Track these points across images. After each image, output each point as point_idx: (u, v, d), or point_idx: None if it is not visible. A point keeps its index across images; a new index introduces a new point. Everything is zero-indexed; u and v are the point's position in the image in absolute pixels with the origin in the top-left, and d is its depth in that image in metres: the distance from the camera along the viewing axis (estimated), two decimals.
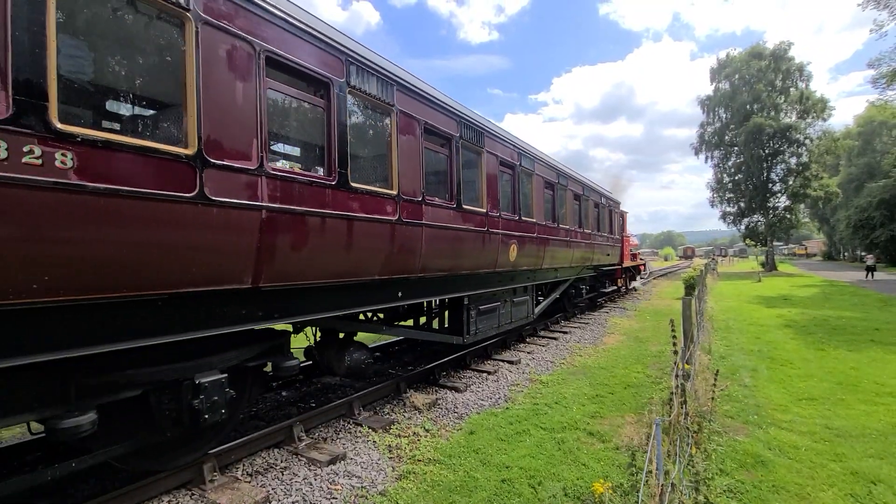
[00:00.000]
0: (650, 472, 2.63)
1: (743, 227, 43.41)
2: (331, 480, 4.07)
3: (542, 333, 11.13)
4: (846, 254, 67.51)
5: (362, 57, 4.97)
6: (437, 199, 6.21)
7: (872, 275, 28.81)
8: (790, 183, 38.70)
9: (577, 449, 4.67)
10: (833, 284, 25.49)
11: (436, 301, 7.74)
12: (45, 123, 2.59)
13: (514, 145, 8.75)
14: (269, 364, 4.55)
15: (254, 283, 3.81)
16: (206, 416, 3.65)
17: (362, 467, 4.33)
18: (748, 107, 38.79)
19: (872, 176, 45.99)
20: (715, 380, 5.35)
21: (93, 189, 2.76)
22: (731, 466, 4.25)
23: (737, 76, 40.23)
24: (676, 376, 4.01)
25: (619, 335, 11.25)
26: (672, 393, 3.85)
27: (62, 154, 2.65)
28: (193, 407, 3.61)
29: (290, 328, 4.99)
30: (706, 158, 43.78)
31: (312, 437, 4.93)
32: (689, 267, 35.00)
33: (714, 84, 42.61)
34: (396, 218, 5.34)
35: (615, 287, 18.62)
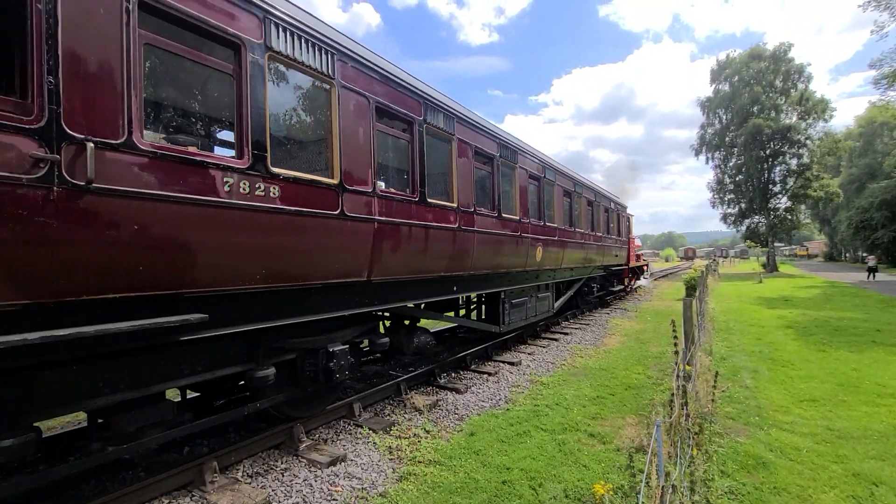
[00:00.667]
0: (651, 473, 2.63)
1: (744, 228, 43.39)
2: (331, 482, 4.07)
3: (543, 335, 11.12)
4: (847, 255, 67.44)
5: (434, 98, 6.28)
6: (483, 209, 7.46)
7: (874, 276, 28.77)
8: (791, 184, 38.68)
9: (578, 450, 4.66)
10: (834, 285, 25.46)
11: (473, 296, 8.74)
12: (266, 168, 3.83)
13: (539, 160, 10.03)
14: (367, 341, 5.71)
15: (368, 277, 5.05)
16: (337, 376, 4.84)
17: (362, 469, 4.33)
18: (748, 108, 38.79)
19: (874, 177, 45.96)
20: (715, 382, 5.34)
21: (287, 210, 4.01)
22: (732, 468, 4.24)
23: (737, 77, 40.24)
24: (677, 377, 4.00)
25: (620, 336, 11.23)
26: (673, 394, 3.84)
27: (274, 187, 3.89)
28: (329, 368, 4.77)
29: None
30: (707, 160, 43.82)
31: (313, 439, 4.93)
32: (689, 268, 35.00)
33: (714, 85, 42.65)
34: (457, 226, 6.62)
35: (622, 286, 19.57)
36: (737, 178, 42.22)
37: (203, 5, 3.45)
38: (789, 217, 40.30)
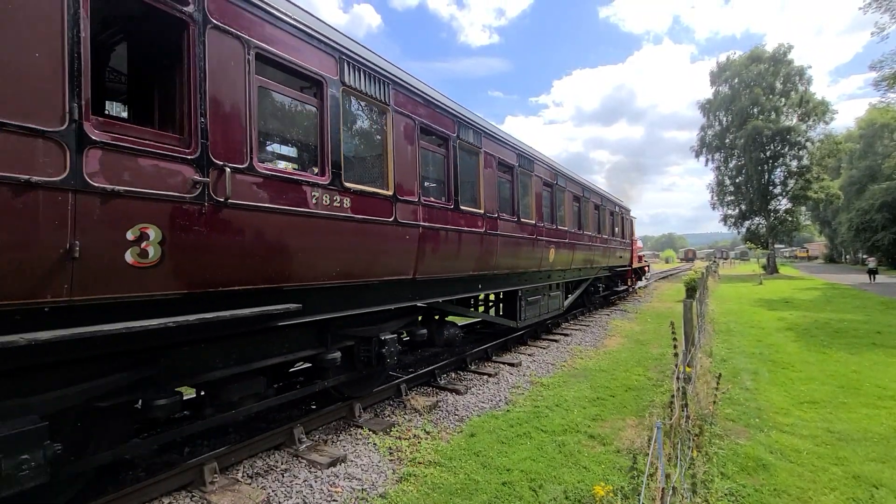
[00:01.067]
0: (651, 475, 2.63)
1: (744, 229, 43.38)
2: (331, 483, 4.07)
3: (543, 336, 11.11)
4: (848, 256, 67.40)
5: (465, 116, 7.22)
6: (505, 214, 8.30)
7: (875, 277, 28.75)
8: (791, 185, 38.68)
9: (578, 452, 4.66)
10: (835, 287, 25.45)
11: (493, 294, 9.74)
12: (341, 183, 4.67)
13: (551, 167, 10.97)
14: (406, 332, 6.56)
15: (413, 275, 5.87)
16: (388, 360, 5.56)
17: (363, 469, 4.33)
18: (748, 110, 38.81)
19: (874, 178, 45.95)
20: (717, 384, 5.34)
21: (356, 218, 4.87)
22: (732, 470, 4.23)
23: (737, 80, 40.26)
24: (677, 379, 4.01)
25: (620, 337, 11.23)
26: (673, 396, 3.84)
27: (346, 199, 4.73)
28: (381, 353, 5.50)
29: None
30: (706, 161, 43.84)
31: (313, 439, 4.93)
32: (690, 269, 34.97)
33: (714, 87, 42.67)
34: (483, 230, 7.45)
35: (626, 286, 20.39)
36: (737, 180, 42.23)
37: (296, 51, 4.31)
38: (789, 219, 40.29)
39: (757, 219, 41.88)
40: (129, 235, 3.03)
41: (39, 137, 2.62)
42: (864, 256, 43.91)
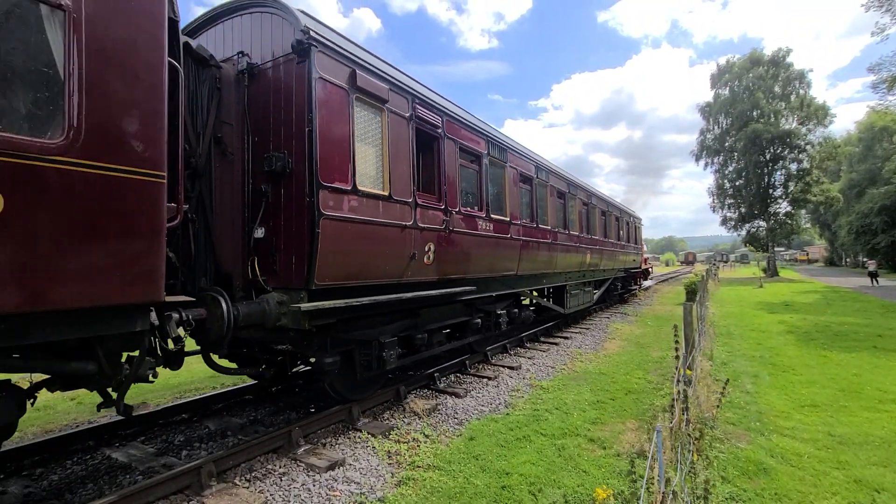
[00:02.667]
0: (651, 479, 2.61)
1: (744, 232, 43.38)
2: (329, 486, 4.04)
3: (542, 339, 11.09)
4: (848, 260, 67.36)
5: (544, 163, 10.60)
6: (560, 228, 11.18)
7: (877, 281, 28.67)
8: (791, 188, 38.70)
9: (578, 455, 4.64)
10: (835, 290, 25.42)
11: (549, 287, 11.63)
12: (489, 214, 7.66)
13: (587, 190, 13.98)
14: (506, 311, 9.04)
15: (516, 272, 8.66)
16: (502, 327, 8.72)
17: (361, 473, 4.30)
18: (748, 113, 38.87)
19: (874, 182, 45.96)
20: (723, 390, 5.32)
21: (495, 236, 7.71)
22: (733, 474, 4.21)
23: (737, 83, 40.34)
24: (678, 382, 3.99)
25: (620, 340, 11.21)
26: (673, 399, 3.82)
27: (490, 224, 7.63)
28: (498, 322, 8.52)
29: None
30: (706, 165, 43.88)
31: (311, 443, 4.90)
32: (690, 272, 34.92)
33: (714, 90, 42.77)
34: (550, 241, 10.33)
35: (637, 285, 23.32)
36: (737, 183, 42.25)
37: (475, 142, 7.50)
38: (789, 221, 40.29)
39: (757, 222, 41.88)
40: (426, 248, 5.96)
41: (407, 205, 5.68)
42: (864, 260, 43.89)
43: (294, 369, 6.71)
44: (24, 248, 2.55)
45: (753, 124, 37.04)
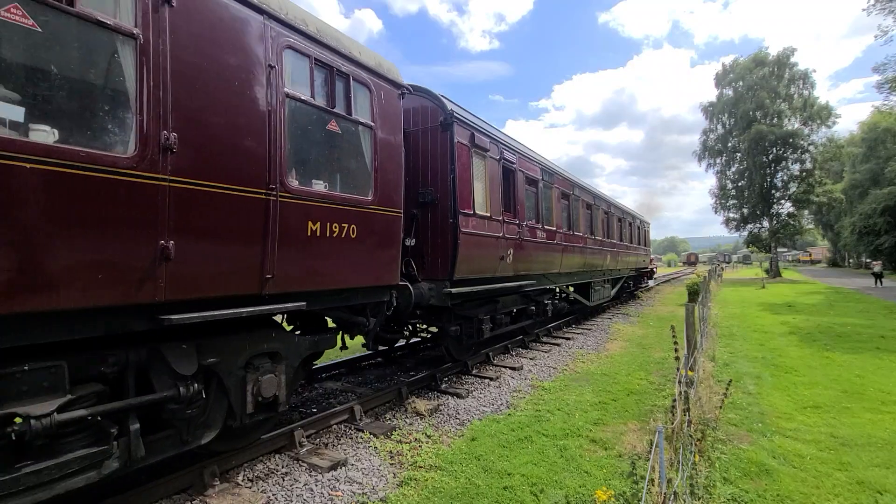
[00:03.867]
0: (652, 480, 2.61)
1: (746, 233, 43.26)
2: (331, 487, 4.05)
3: (544, 339, 11.09)
4: (851, 260, 67.12)
5: (577, 181, 12.93)
6: (587, 235, 13.19)
7: (881, 282, 28.51)
8: (793, 189, 38.59)
9: (580, 456, 4.64)
10: (838, 291, 25.35)
11: (580, 283, 13.40)
12: (543, 226, 9.96)
13: (608, 201, 16.24)
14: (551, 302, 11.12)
15: (558, 271, 10.78)
16: (548, 314, 10.80)
17: (363, 473, 4.31)
18: (751, 113, 38.78)
19: (877, 182, 45.76)
20: (726, 391, 5.31)
21: (545, 241, 9.92)
22: (734, 475, 4.21)
23: (740, 83, 40.24)
24: (679, 383, 3.99)
25: (622, 341, 11.20)
26: (675, 400, 3.82)
27: (544, 233, 9.92)
28: (545, 310, 10.49)
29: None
30: (708, 166, 43.79)
31: (314, 443, 4.92)
32: (692, 273, 34.83)
33: (719, 90, 42.65)
34: (582, 245, 12.53)
35: (645, 283, 26.12)
36: (739, 184, 42.14)
37: (532, 170, 9.54)
38: (792, 222, 40.17)
39: (759, 222, 41.77)
40: (505, 252, 7.91)
41: (498, 222, 7.78)
42: (868, 260, 43.70)
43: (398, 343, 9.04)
44: (365, 253, 4.85)
45: (757, 125, 36.94)
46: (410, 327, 8.04)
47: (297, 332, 4.88)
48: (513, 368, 8.18)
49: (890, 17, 23.75)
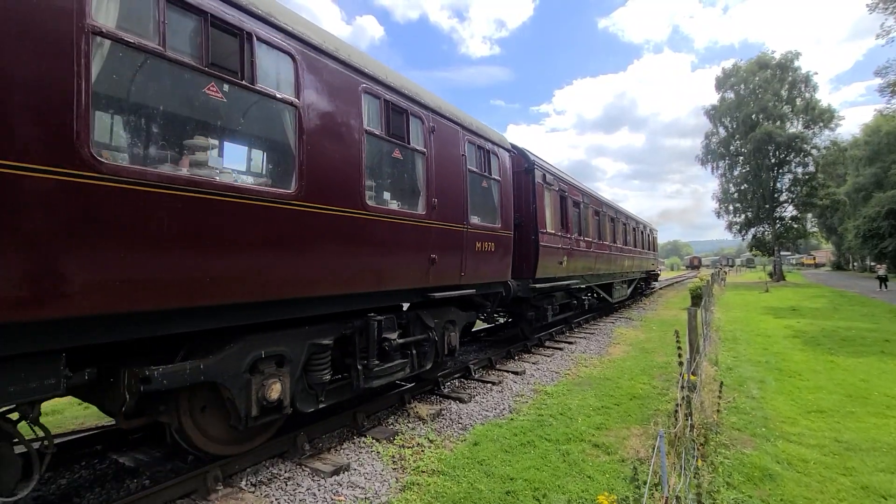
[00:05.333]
0: (655, 484, 2.62)
1: (750, 236, 43.13)
2: (334, 491, 4.06)
3: (547, 344, 11.07)
4: (855, 264, 66.77)
5: (605, 199, 16.35)
6: (611, 243, 15.79)
7: (885, 285, 28.34)
8: (796, 192, 38.50)
9: (583, 461, 4.63)
10: (842, 295, 25.22)
11: (602, 282, 15.74)
12: (586, 238, 13.29)
13: (626, 213, 19.53)
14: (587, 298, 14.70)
15: (593, 273, 13.66)
16: (585, 306, 14.13)
17: (366, 478, 4.32)
18: (754, 116, 38.78)
19: (880, 185, 45.63)
20: (720, 392, 5.30)
21: (589, 251, 13.28)
22: (738, 480, 4.19)
23: (742, 86, 40.27)
24: (682, 388, 3.99)
25: (625, 346, 11.17)
26: (677, 404, 3.82)
27: (584, 243, 12.96)
28: (582, 302, 13.83)
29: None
30: (712, 169, 43.78)
31: (316, 448, 4.92)
32: (695, 277, 34.71)
33: (721, 93, 42.69)
34: (608, 252, 15.19)
35: (653, 284, 28.98)
36: (742, 187, 42.08)
37: (576, 196, 12.56)
38: (795, 226, 40.05)
39: (763, 226, 41.67)
40: (562, 258, 10.78)
41: (558, 236, 10.83)
42: (872, 264, 43.43)
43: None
44: (497, 260, 7.46)
45: (764, 126, 36.93)
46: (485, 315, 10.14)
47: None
48: (515, 373, 8.17)
49: (891, 18, 23.75)
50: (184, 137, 3.65)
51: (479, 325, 12.65)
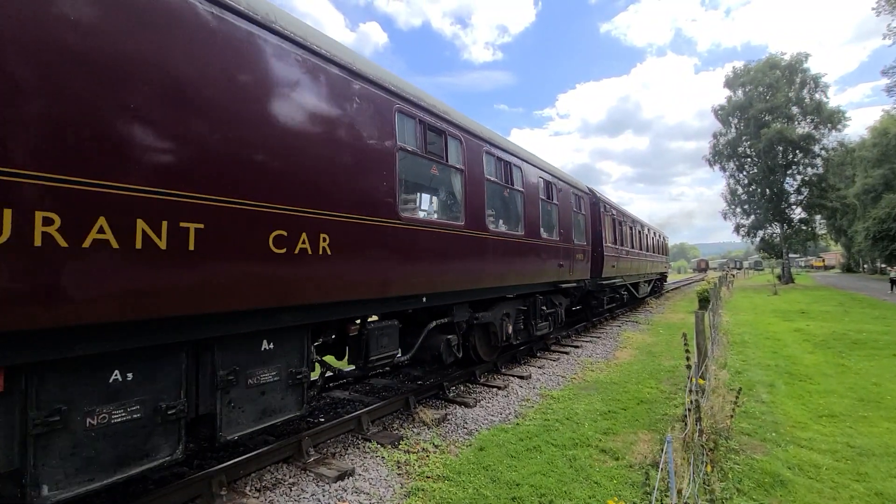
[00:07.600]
0: (664, 491, 2.57)
1: (758, 239, 42.76)
2: (338, 497, 4.03)
3: (553, 348, 11.01)
4: (865, 266, 65.95)
5: (634, 216, 20.21)
6: (638, 249, 19.51)
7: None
8: (805, 194, 38.17)
9: (590, 466, 4.58)
10: (853, 297, 24.90)
11: (630, 282, 18.98)
12: (627, 248, 17.51)
13: (644, 224, 21.83)
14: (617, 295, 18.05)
15: (628, 273, 17.52)
16: (609, 304, 17.14)
17: (370, 483, 4.29)
18: (762, 116, 38.55)
19: (889, 186, 45.09)
20: (736, 398, 5.22)
21: (628, 256, 17.86)
22: (748, 486, 4.12)
23: (751, 87, 40.10)
24: (690, 392, 3.93)
25: (632, 349, 11.07)
26: (686, 409, 3.76)
27: (625, 251, 17.41)
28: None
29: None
30: (722, 169, 43.51)
31: (321, 453, 4.90)
32: (703, 280, 34.47)
33: (731, 93, 42.48)
34: (637, 257, 18.91)
35: (664, 284, 31.05)
36: (750, 189, 41.76)
37: (618, 216, 16.27)
38: (804, 228, 39.66)
39: (771, 228, 41.31)
40: (614, 263, 14.77)
41: (613, 246, 15.18)
42: (883, 266, 42.90)
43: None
44: (584, 263, 11.91)
45: (775, 126, 36.70)
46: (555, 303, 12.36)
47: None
48: (521, 377, 8.11)
49: None
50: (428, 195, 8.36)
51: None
